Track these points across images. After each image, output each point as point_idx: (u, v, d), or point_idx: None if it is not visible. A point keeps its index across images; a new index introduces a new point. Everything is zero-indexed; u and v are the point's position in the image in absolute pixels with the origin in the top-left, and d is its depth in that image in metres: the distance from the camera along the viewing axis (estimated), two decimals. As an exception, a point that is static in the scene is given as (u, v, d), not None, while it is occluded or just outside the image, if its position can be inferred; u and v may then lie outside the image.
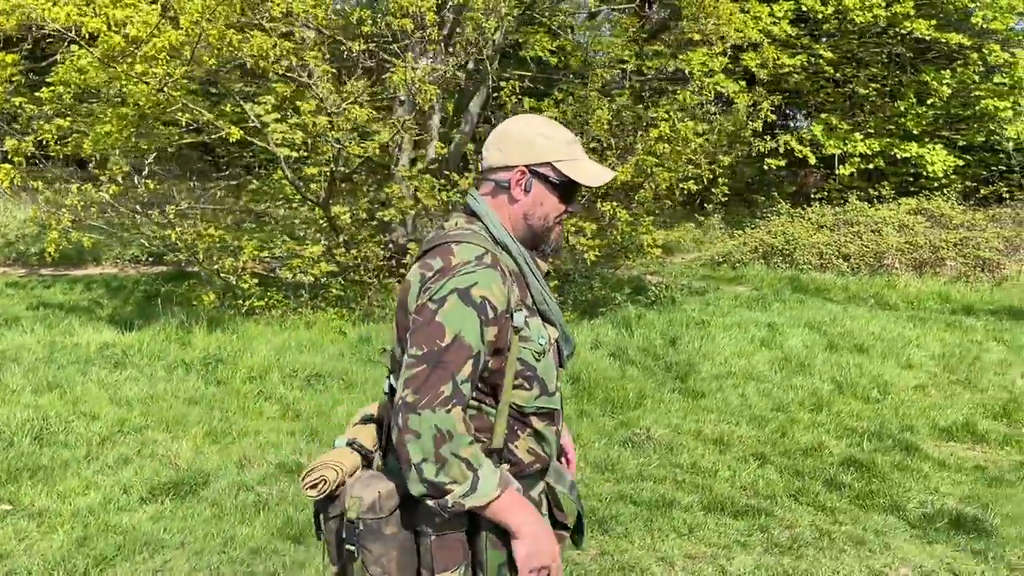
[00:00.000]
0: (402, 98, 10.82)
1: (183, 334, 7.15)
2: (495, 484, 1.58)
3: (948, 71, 14.83)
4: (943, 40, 13.68)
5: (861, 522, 3.94)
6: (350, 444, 1.80)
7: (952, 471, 4.66)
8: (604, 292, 9.46)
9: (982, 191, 14.39)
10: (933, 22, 13.67)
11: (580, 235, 7.88)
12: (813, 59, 13.87)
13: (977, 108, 15.19)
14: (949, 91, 14.50)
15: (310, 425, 5.08)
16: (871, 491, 4.27)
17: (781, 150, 15.11)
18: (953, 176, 15.78)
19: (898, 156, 14.93)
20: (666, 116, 7.78)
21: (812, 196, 15.12)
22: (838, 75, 14.25)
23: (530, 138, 1.77)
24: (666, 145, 7.62)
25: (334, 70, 6.95)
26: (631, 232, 7.70)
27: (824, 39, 14.36)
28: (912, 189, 15.48)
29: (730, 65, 13.52)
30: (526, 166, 1.76)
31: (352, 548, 1.67)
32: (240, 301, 8.07)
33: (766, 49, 11.64)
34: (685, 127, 7.44)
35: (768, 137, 15.48)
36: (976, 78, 14.83)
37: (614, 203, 7.46)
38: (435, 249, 1.70)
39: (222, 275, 7.82)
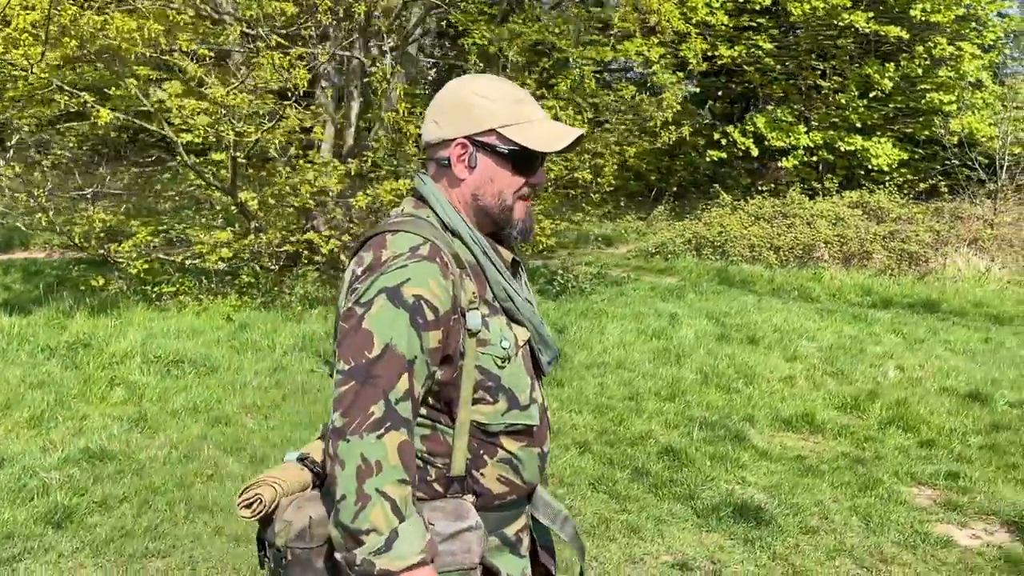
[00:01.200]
0: (323, 84, 10.81)
1: (63, 319, 7.13)
2: (418, 549, 1.30)
3: (892, 64, 14.80)
4: (883, 33, 13.64)
5: (648, 510, 3.94)
6: (301, 460, 1.55)
7: (771, 461, 4.66)
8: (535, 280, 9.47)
9: (920, 185, 14.38)
10: (871, 14, 13.62)
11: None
12: (752, 51, 13.82)
13: (923, 102, 15.20)
14: (891, 85, 14.47)
15: (143, 411, 5.07)
16: (672, 480, 4.27)
17: (723, 142, 15.13)
18: (903, 170, 15.79)
19: (842, 149, 14.91)
20: (554, 103, 7.76)
21: (778, 188, 15.07)
22: (778, 67, 14.20)
23: (467, 103, 1.49)
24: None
25: (212, 54, 6.89)
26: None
27: (764, 31, 14.31)
28: (863, 182, 15.47)
29: (669, 56, 13.50)
30: (466, 137, 1.49)
31: None
32: (150, 288, 8.07)
33: (693, 40, 11.58)
34: (568, 116, 7.41)
35: (714, 131, 15.58)
36: (920, 72, 14.81)
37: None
38: (370, 241, 1.46)
39: (111, 260, 7.79)
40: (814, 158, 15.05)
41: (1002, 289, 11.14)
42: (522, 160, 1.49)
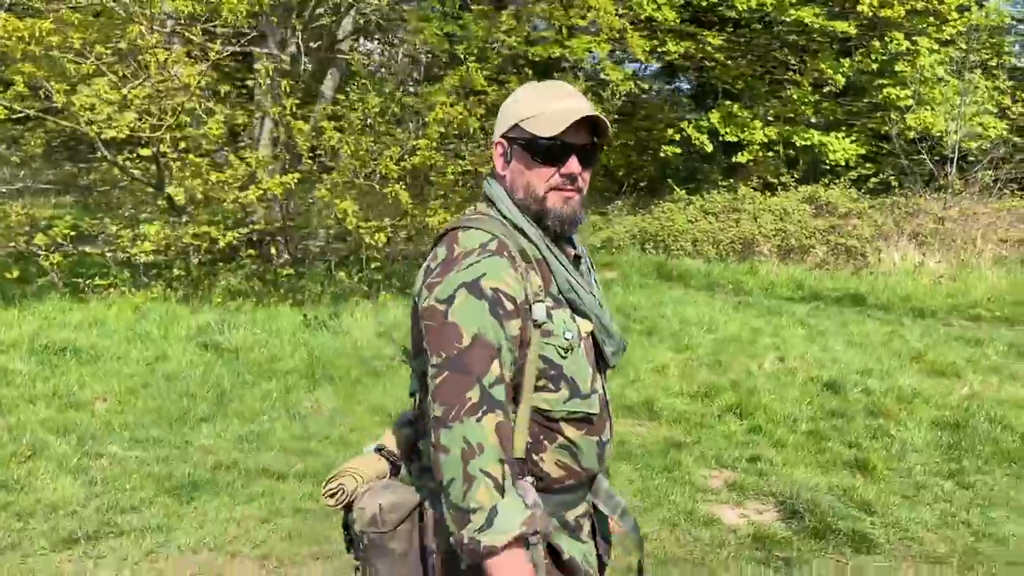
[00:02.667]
0: (260, 82, 11.02)
1: (-30, 310, 7.37)
2: (517, 523, 1.35)
3: (847, 59, 14.82)
4: (831, 28, 13.67)
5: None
6: (379, 450, 1.66)
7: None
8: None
9: (872, 180, 14.39)
10: (817, 9, 13.65)
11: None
12: (700, 46, 13.89)
13: (880, 97, 15.21)
14: (844, 80, 14.49)
15: (-1, 395, 5.28)
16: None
17: (677, 138, 15.19)
18: (870, 165, 15.79)
19: (798, 144, 14.95)
20: (445, 99, 7.90)
21: (748, 182, 15.09)
22: (730, 63, 14.25)
23: (505, 107, 1.62)
24: (443, 129, 7.74)
25: (110, 51, 7.09)
26: (416, 214, 7.83)
27: (715, 27, 14.38)
28: (827, 177, 15.48)
29: (619, 52, 13.62)
30: (502, 136, 1.60)
31: (358, 564, 1.56)
32: (84, 280, 8.31)
33: (629, 35, 11.67)
34: (453, 111, 7.55)
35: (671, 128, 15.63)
36: (875, 67, 14.82)
37: (399, 185, 7.60)
38: (444, 236, 1.56)
39: (27, 252, 8.03)
40: (770, 153, 15.10)
41: (934, 283, 11.17)
42: (545, 150, 1.55)
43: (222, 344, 6.61)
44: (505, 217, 1.57)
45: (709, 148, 14.81)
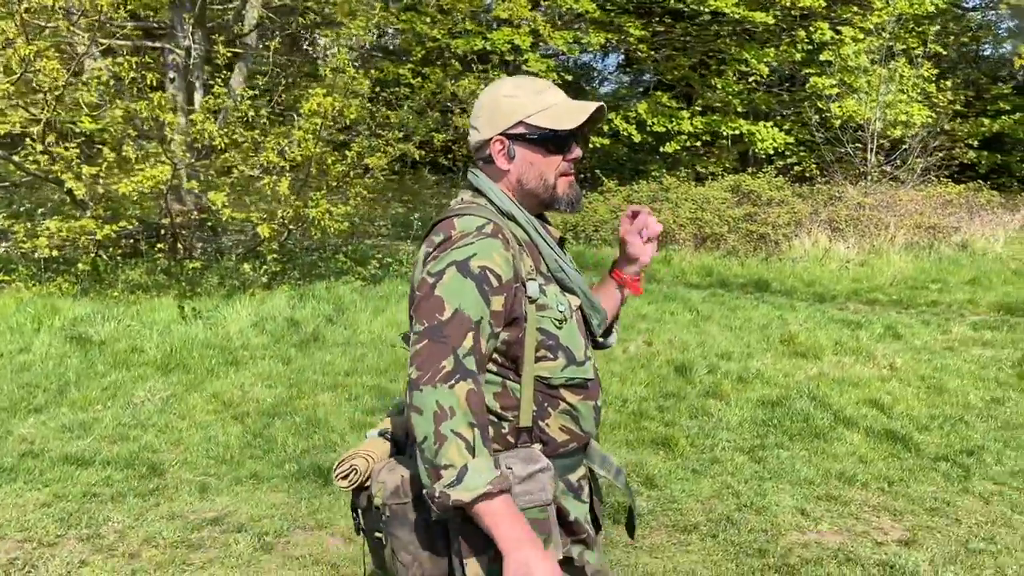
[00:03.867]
0: (172, 75, 11.04)
1: None
2: (485, 480, 1.44)
3: (772, 49, 14.99)
4: (751, 19, 13.83)
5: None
6: (382, 434, 1.75)
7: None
8: (347, 264, 9.67)
9: (795, 169, 14.58)
10: (736, 0, 13.80)
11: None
12: (623, 38, 14.00)
13: (807, 86, 15.39)
14: (768, 70, 14.66)
15: None
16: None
17: (606, 129, 15.32)
18: (803, 153, 15.98)
19: (725, 133, 15.12)
20: (324, 92, 7.95)
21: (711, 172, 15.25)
22: (655, 54, 14.38)
23: (496, 103, 1.71)
24: (319, 120, 7.80)
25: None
26: (299, 205, 7.90)
27: (659, 17, 14.49)
28: (763, 166, 15.64)
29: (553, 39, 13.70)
30: (501, 134, 1.70)
31: (380, 535, 1.64)
32: None
33: (539, 25, 11.77)
34: (326, 101, 7.60)
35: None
36: (799, 56, 15.00)
37: (279, 178, 7.66)
38: (439, 224, 1.66)
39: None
40: (698, 143, 15.27)
41: (841, 269, 11.37)
42: (554, 141, 1.68)
43: (90, 336, 6.66)
44: (496, 205, 1.69)
45: (637, 138, 14.95)
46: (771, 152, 15.26)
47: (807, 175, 14.74)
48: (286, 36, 11.32)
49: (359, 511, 1.70)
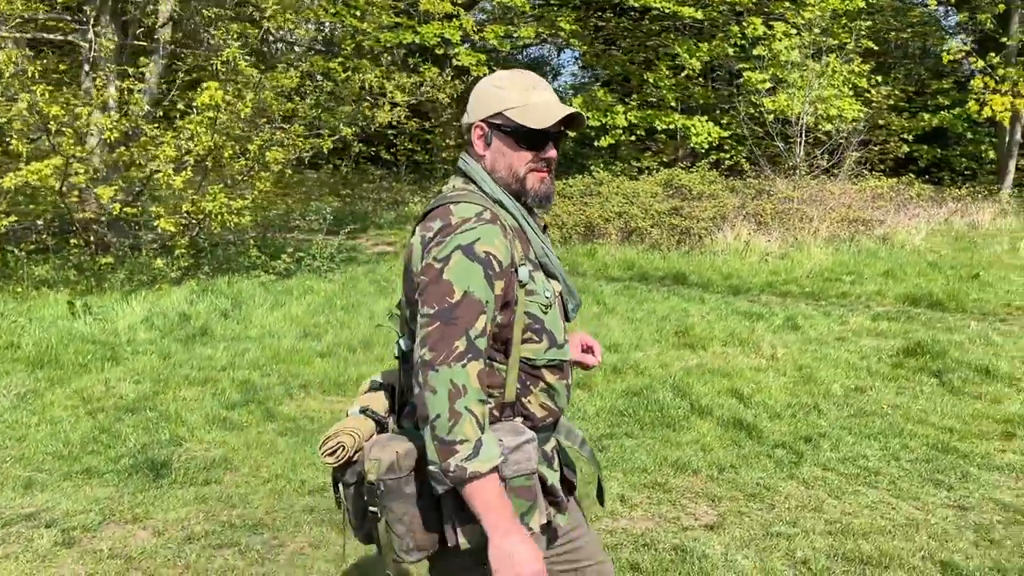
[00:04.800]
0: (87, 70, 10.90)
1: None
2: (497, 454, 1.57)
3: (705, 44, 15.10)
4: (680, 14, 13.92)
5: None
6: (363, 411, 1.82)
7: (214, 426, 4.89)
8: (260, 259, 9.62)
9: (725, 163, 14.72)
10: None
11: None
12: (554, 31, 14.04)
13: (740, 81, 15.53)
14: (700, 64, 14.77)
15: None
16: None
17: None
18: (740, 147, 16.10)
19: (659, 127, 15.22)
20: (219, 87, 7.90)
21: (669, 165, 15.29)
22: (586, 48, 14.43)
23: (485, 92, 1.79)
24: (213, 114, 7.77)
25: None
26: (196, 199, 7.85)
27: (566, 9, 14.53)
28: (699, 160, 15.74)
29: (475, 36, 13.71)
30: (482, 120, 1.77)
31: (374, 510, 1.70)
32: None
33: (464, 20, 11.78)
34: (217, 95, 7.57)
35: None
36: (731, 52, 15.13)
37: (174, 173, 7.61)
38: (434, 211, 1.72)
39: None
40: (632, 137, 15.36)
41: (761, 262, 11.49)
42: (528, 137, 1.75)
43: (-31, 331, 6.59)
44: (486, 192, 1.76)
45: (572, 133, 14.98)
46: (706, 146, 15.38)
47: (741, 169, 14.87)
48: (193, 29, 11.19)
49: (341, 486, 1.77)
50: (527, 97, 1.76)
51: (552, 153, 1.79)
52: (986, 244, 12.87)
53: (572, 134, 1.89)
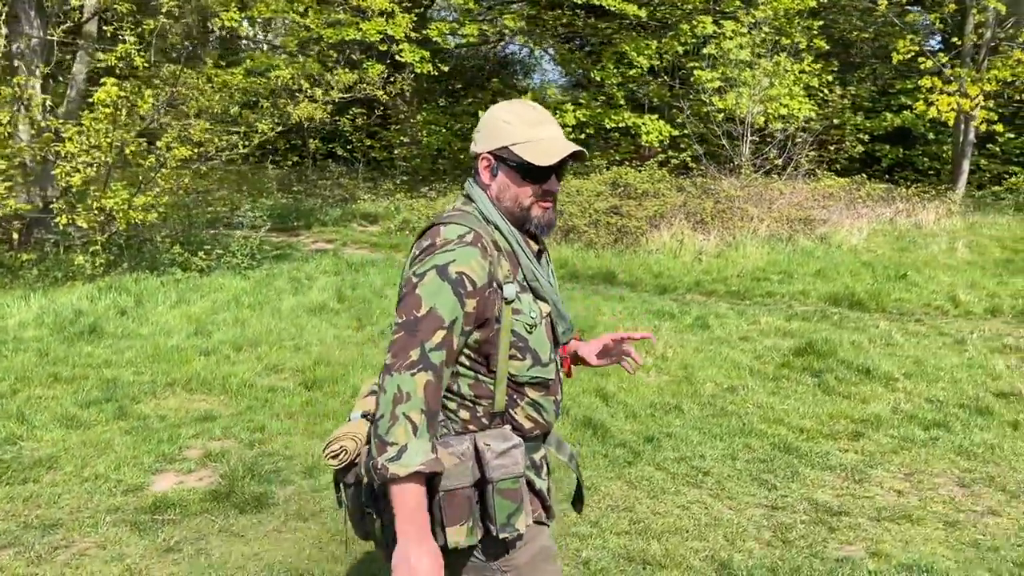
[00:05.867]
0: (16, 64, 10.83)
1: None
2: (418, 461, 1.63)
3: (654, 42, 15.08)
4: (624, 12, 13.90)
5: None
6: (364, 416, 1.89)
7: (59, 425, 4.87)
8: (182, 256, 9.57)
9: (672, 161, 14.70)
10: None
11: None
12: (497, 28, 14.01)
13: (691, 80, 15.51)
14: (648, 63, 14.74)
15: None
16: None
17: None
18: (697, 146, 16.08)
19: (608, 125, 15.19)
20: (113, 82, 7.84)
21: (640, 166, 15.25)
22: (530, 44, 14.40)
23: (493, 125, 1.86)
24: (110, 110, 7.72)
25: None
26: (98, 195, 7.81)
27: (518, 6, 14.50)
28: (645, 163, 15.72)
29: (414, 34, 13.67)
30: (490, 152, 1.85)
31: (371, 511, 1.80)
32: None
33: (399, 18, 11.73)
34: (112, 90, 7.52)
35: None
36: (680, 49, 15.11)
37: (74, 170, 7.57)
38: (429, 230, 1.83)
39: None
40: (582, 135, 15.33)
41: (694, 260, 11.49)
42: (532, 172, 1.83)
43: None
44: (483, 214, 1.85)
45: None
46: (656, 144, 15.38)
47: (689, 167, 14.86)
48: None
49: (342, 486, 1.86)
50: (532, 133, 1.83)
51: (555, 186, 1.88)
52: (926, 244, 12.87)
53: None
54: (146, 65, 8.72)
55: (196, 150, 8.80)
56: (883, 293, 9.53)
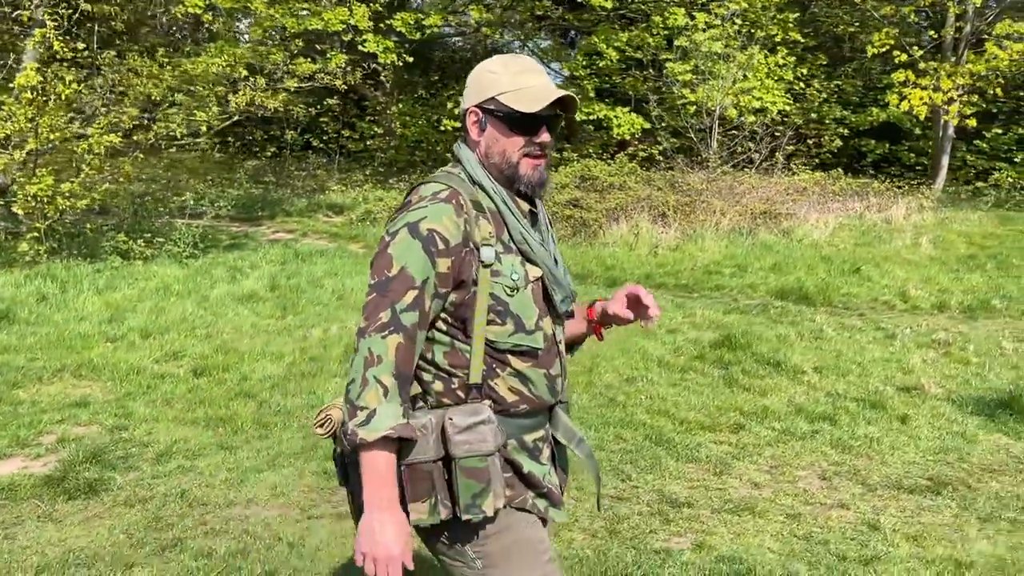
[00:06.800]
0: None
1: None
2: (386, 426, 1.57)
3: (625, 34, 14.94)
4: (588, 2, 13.76)
5: None
6: None
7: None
8: (127, 243, 9.51)
9: (639, 154, 14.57)
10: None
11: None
12: (463, 20, 13.91)
13: (664, 72, 15.38)
14: (618, 55, 14.61)
15: None
16: None
17: (456, 112, 15.24)
18: (675, 140, 15.95)
19: (578, 118, 15.06)
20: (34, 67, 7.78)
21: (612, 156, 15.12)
22: (499, 37, 14.30)
23: (479, 77, 1.79)
24: (30, 95, 7.67)
25: None
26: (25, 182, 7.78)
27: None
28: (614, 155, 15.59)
29: (381, 25, 13.60)
30: (476, 106, 1.78)
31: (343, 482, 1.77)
32: None
33: (357, 10, 11.66)
34: (31, 76, 7.47)
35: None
36: (652, 42, 14.96)
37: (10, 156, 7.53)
38: (411, 191, 1.79)
39: None
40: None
41: (649, 254, 11.37)
42: (521, 122, 1.74)
43: None
44: (467, 173, 1.77)
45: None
46: (628, 137, 15.26)
47: (658, 160, 14.73)
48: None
49: (339, 461, 1.79)
50: (519, 81, 1.75)
51: (545, 137, 1.77)
52: (891, 239, 12.70)
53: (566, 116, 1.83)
54: (85, 51, 8.66)
55: (124, 139, 8.75)
56: (832, 288, 9.40)
